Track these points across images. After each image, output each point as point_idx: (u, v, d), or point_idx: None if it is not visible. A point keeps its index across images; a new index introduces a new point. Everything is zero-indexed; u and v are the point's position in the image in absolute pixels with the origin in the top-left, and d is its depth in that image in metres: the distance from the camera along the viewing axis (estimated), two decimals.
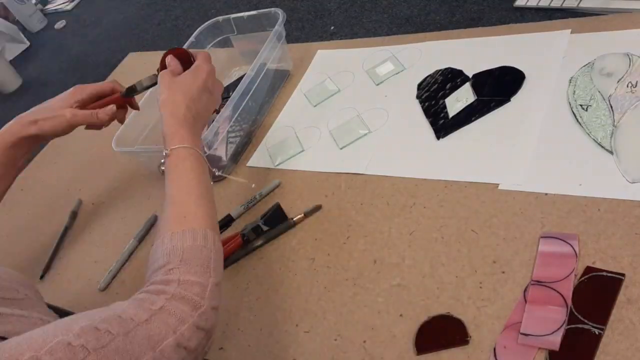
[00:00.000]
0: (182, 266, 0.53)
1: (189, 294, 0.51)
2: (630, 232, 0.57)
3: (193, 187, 0.62)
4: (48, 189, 1.11)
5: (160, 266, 0.54)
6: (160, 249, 0.56)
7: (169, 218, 0.59)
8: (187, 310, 0.50)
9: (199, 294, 0.52)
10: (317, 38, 1.12)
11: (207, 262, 0.55)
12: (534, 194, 0.65)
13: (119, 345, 0.45)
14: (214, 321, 0.53)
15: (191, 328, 0.50)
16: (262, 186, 0.85)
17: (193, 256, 0.54)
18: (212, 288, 0.53)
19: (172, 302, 0.50)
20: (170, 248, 0.55)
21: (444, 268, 0.63)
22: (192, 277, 0.53)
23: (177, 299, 0.51)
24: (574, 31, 0.80)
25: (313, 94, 0.97)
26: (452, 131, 0.77)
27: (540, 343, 0.54)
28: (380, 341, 0.61)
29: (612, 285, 0.54)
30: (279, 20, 0.95)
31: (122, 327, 0.46)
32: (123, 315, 0.48)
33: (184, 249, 0.55)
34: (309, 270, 0.71)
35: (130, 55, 1.43)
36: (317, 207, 0.77)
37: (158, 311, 0.49)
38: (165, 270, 0.53)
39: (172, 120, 0.67)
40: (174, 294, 0.51)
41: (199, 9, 1.49)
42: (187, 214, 0.59)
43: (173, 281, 0.52)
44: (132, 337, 0.46)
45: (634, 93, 0.68)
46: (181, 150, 0.64)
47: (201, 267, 0.54)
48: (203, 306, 0.51)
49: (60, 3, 2.04)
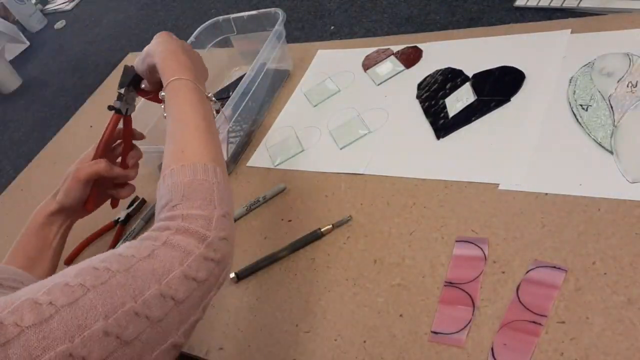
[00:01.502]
0: (184, 202, 0.52)
1: (193, 226, 0.50)
2: (630, 232, 0.57)
3: (189, 120, 0.60)
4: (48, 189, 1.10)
5: (164, 204, 0.53)
6: (162, 186, 0.55)
7: (168, 154, 0.57)
8: (192, 242, 0.49)
9: (204, 226, 0.50)
10: (317, 38, 1.12)
11: (209, 195, 0.53)
12: (534, 194, 0.65)
13: (120, 280, 0.43)
14: (224, 251, 0.51)
15: (198, 259, 0.48)
16: (262, 186, 0.85)
17: (194, 190, 0.53)
18: (218, 219, 0.52)
19: (176, 236, 0.49)
20: (171, 184, 0.54)
21: (443, 268, 0.63)
22: (195, 211, 0.51)
23: (180, 232, 0.49)
24: (574, 31, 0.80)
25: (313, 94, 0.97)
26: (452, 131, 0.77)
27: (448, 340, 0.57)
28: (380, 341, 0.61)
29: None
30: (279, 20, 0.95)
31: (122, 264, 0.45)
32: (124, 253, 0.46)
33: (184, 184, 0.53)
34: (309, 270, 0.71)
35: (130, 55, 1.43)
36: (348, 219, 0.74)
37: (161, 246, 0.48)
38: (169, 207, 0.52)
39: (170, 63, 0.65)
40: (177, 228, 0.49)
41: (199, 9, 1.49)
42: (184, 149, 0.57)
43: (177, 217, 0.51)
44: (134, 271, 0.44)
45: (634, 93, 0.68)
46: (177, 83, 0.62)
47: (204, 201, 0.52)
48: (209, 237, 0.50)
49: (60, 3, 2.04)
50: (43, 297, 0.39)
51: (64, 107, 1.40)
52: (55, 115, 1.39)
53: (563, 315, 0.54)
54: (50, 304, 0.39)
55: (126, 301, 0.42)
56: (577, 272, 0.57)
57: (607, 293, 0.54)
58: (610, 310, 0.53)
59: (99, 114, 1.26)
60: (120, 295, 0.42)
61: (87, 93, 1.38)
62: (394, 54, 0.94)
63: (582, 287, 0.55)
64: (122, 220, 0.94)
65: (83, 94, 1.39)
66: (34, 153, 1.25)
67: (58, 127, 1.30)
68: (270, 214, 0.81)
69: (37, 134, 1.35)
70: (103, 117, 0.84)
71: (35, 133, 1.36)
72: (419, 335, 0.59)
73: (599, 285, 0.55)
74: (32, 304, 0.39)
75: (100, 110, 1.27)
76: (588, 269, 0.56)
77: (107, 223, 0.95)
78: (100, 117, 0.84)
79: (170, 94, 0.62)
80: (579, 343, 0.52)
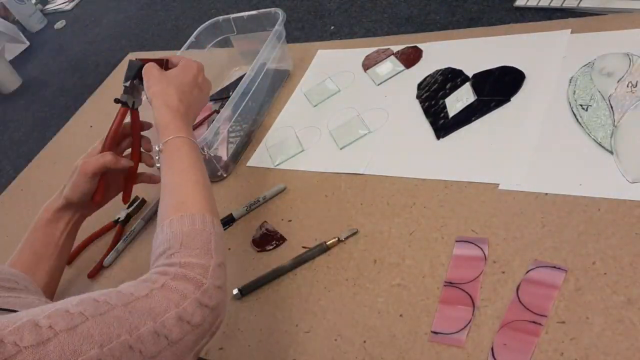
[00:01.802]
0: (182, 250, 0.54)
1: (190, 273, 0.51)
2: (630, 232, 0.57)
3: (189, 174, 0.62)
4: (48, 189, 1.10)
5: (161, 252, 0.55)
6: (160, 236, 0.56)
7: (167, 205, 0.59)
8: (189, 287, 0.50)
9: (201, 273, 0.52)
10: (317, 38, 1.12)
11: (207, 245, 0.55)
12: (534, 194, 0.65)
13: (118, 313, 0.45)
14: (218, 299, 0.52)
15: (194, 303, 0.50)
16: (262, 186, 0.85)
17: (193, 240, 0.55)
18: (214, 268, 0.53)
19: (175, 281, 0.50)
20: (170, 234, 0.55)
21: (443, 268, 0.63)
22: (193, 259, 0.53)
23: (179, 278, 0.51)
24: (574, 31, 0.80)
25: (313, 94, 0.97)
26: (452, 131, 0.77)
27: (448, 340, 0.57)
28: (380, 341, 0.61)
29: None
30: (279, 20, 0.95)
31: (120, 300, 0.46)
32: (123, 290, 0.48)
33: (183, 233, 0.55)
34: (309, 270, 0.71)
35: (130, 55, 1.43)
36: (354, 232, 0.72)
37: (159, 288, 0.49)
38: (167, 255, 0.54)
39: (165, 111, 0.67)
40: (175, 274, 0.51)
41: (199, 9, 1.49)
42: (184, 200, 0.59)
43: (175, 264, 0.52)
44: (131, 307, 0.46)
45: (634, 93, 0.68)
46: (176, 140, 0.65)
47: (202, 250, 0.54)
48: (206, 284, 0.51)
49: (60, 3, 2.04)
50: (44, 321, 0.41)
51: (64, 107, 1.40)
52: (55, 115, 1.39)
53: (563, 315, 0.54)
54: (50, 327, 0.40)
55: (122, 333, 0.44)
56: (577, 272, 0.57)
57: (607, 293, 0.54)
58: (610, 310, 0.53)
59: (99, 114, 1.26)
60: (117, 327, 0.44)
61: (87, 93, 1.38)
62: (394, 54, 0.94)
63: (582, 287, 0.55)
64: (122, 220, 0.94)
65: (83, 94, 1.39)
66: (34, 153, 1.25)
67: (58, 127, 1.30)
68: (270, 214, 0.81)
69: (37, 134, 1.35)
70: (103, 117, 0.85)
71: (35, 133, 1.36)
72: (419, 335, 0.59)
73: (599, 285, 0.55)
74: (32, 325, 0.40)
75: (100, 110, 1.27)
76: (588, 269, 0.56)
77: (107, 223, 0.95)
78: (101, 117, 0.84)
79: (169, 150, 0.65)
80: (579, 343, 0.52)
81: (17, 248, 0.74)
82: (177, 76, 0.72)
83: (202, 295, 0.51)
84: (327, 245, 0.72)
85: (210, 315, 0.51)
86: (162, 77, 0.72)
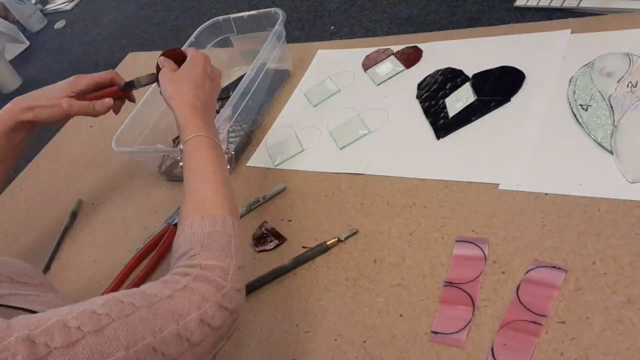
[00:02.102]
0: (203, 252, 0.54)
1: (211, 275, 0.52)
2: (630, 232, 0.57)
3: (209, 174, 0.62)
4: (48, 189, 1.11)
5: (182, 253, 0.55)
6: (181, 236, 0.57)
7: (188, 206, 0.60)
8: (210, 289, 0.51)
9: (222, 276, 0.52)
10: (317, 38, 1.12)
11: (227, 247, 0.55)
12: (534, 194, 0.65)
13: (143, 315, 0.45)
14: (237, 302, 0.53)
15: (214, 306, 0.50)
16: (262, 186, 0.85)
17: (213, 242, 0.55)
18: (234, 271, 0.54)
19: (196, 282, 0.51)
20: (190, 235, 0.56)
21: (443, 268, 0.63)
22: (213, 262, 0.53)
23: (200, 280, 0.51)
24: (574, 31, 0.80)
25: (313, 94, 0.97)
26: (452, 131, 0.77)
27: (448, 340, 0.57)
28: (380, 341, 0.61)
29: None
30: (279, 20, 0.95)
31: (145, 301, 0.47)
32: (147, 291, 0.49)
33: (204, 235, 0.55)
34: (309, 270, 0.71)
35: (130, 55, 1.43)
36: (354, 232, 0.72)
37: (182, 289, 0.50)
38: (188, 257, 0.54)
39: (183, 110, 0.68)
40: (197, 275, 0.51)
41: (199, 9, 1.49)
42: (205, 201, 0.59)
43: (196, 265, 0.53)
44: (155, 309, 0.47)
45: (634, 93, 0.68)
46: (196, 139, 0.65)
47: (222, 252, 0.54)
48: (226, 287, 0.52)
49: (60, 3, 2.04)
50: (72, 322, 0.42)
51: None
52: None
53: (563, 315, 0.54)
54: (78, 328, 0.41)
55: (146, 336, 0.44)
56: (577, 272, 0.57)
57: (607, 293, 0.54)
58: (610, 310, 0.53)
59: None
60: (142, 330, 0.44)
61: None
62: (394, 54, 0.94)
63: (582, 287, 0.55)
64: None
65: None
66: (34, 153, 1.25)
67: (58, 127, 1.30)
68: (270, 214, 0.81)
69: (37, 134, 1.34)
70: (103, 117, 0.85)
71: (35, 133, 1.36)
72: (419, 335, 0.59)
73: (599, 285, 0.55)
74: (62, 326, 0.41)
75: None
76: (588, 269, 0.56)
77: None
78: (100, 116, 0.84)
79: (190, 148, 0.65)
80: (579, 343, 0.52)
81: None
82: (188, 72, 0.73)
83: (223, 298, 0.51)
84: (327, 245, 0.72)
85: (229, 318, 0.52)
86: (174, 77, 0.73)
